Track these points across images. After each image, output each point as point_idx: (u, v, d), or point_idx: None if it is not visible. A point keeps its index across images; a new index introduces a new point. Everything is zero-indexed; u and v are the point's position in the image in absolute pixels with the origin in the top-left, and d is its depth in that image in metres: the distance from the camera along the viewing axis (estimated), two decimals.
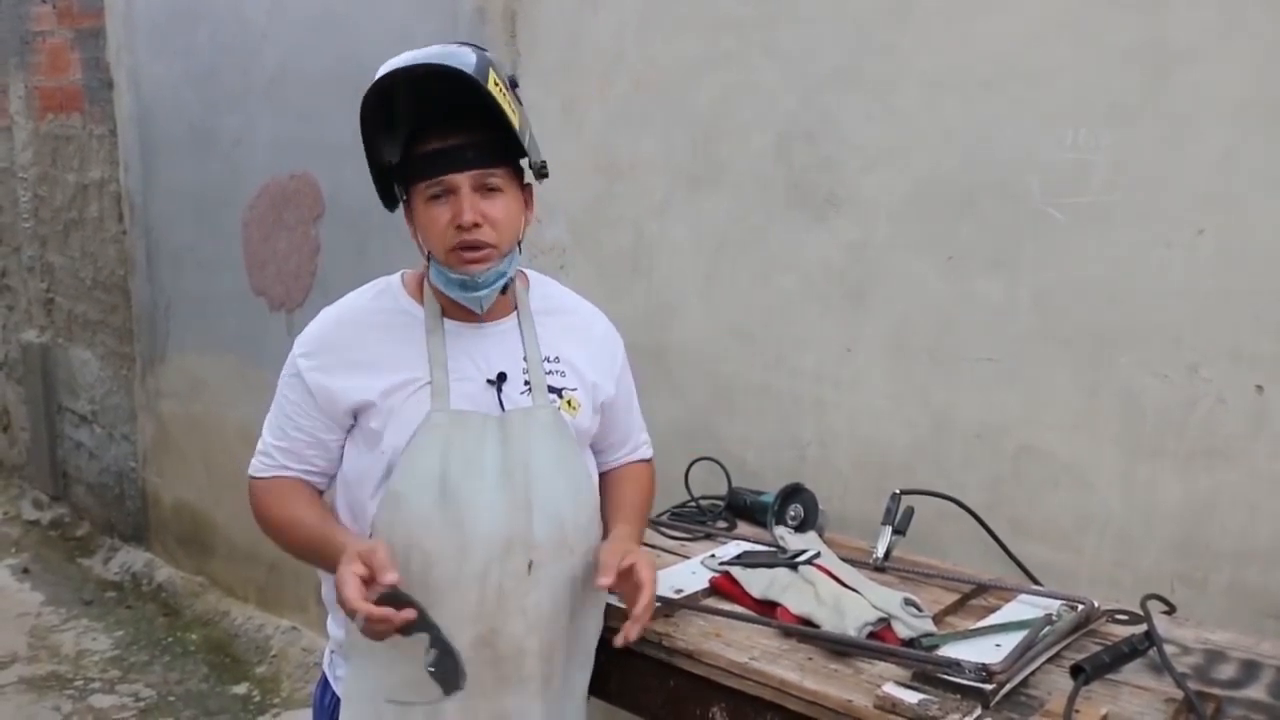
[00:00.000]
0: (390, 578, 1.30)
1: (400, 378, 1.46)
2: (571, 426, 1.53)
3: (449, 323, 1.50)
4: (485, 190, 1.43)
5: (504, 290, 1.50)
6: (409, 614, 1.33)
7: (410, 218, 1.49)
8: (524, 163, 1.49)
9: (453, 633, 1.45)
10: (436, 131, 1.42)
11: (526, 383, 1.51)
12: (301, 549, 1.50)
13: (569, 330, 1.59)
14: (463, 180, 1.41)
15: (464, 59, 1.38)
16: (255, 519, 1.57)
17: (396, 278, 1.56)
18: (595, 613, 1.60)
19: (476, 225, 1.41)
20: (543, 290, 1.60)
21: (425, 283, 1.53)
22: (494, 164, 1.44)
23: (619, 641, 1.44)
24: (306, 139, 3.31)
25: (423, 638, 1.40)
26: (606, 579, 1.42)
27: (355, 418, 1.49)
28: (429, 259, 1.47)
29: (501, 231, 1.44)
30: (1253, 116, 1.65)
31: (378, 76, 1.40)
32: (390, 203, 1.52)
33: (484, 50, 1.42)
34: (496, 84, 1.38)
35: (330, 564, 1.41)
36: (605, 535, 1.56)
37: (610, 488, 1.65)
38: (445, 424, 1.44)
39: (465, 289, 1.45)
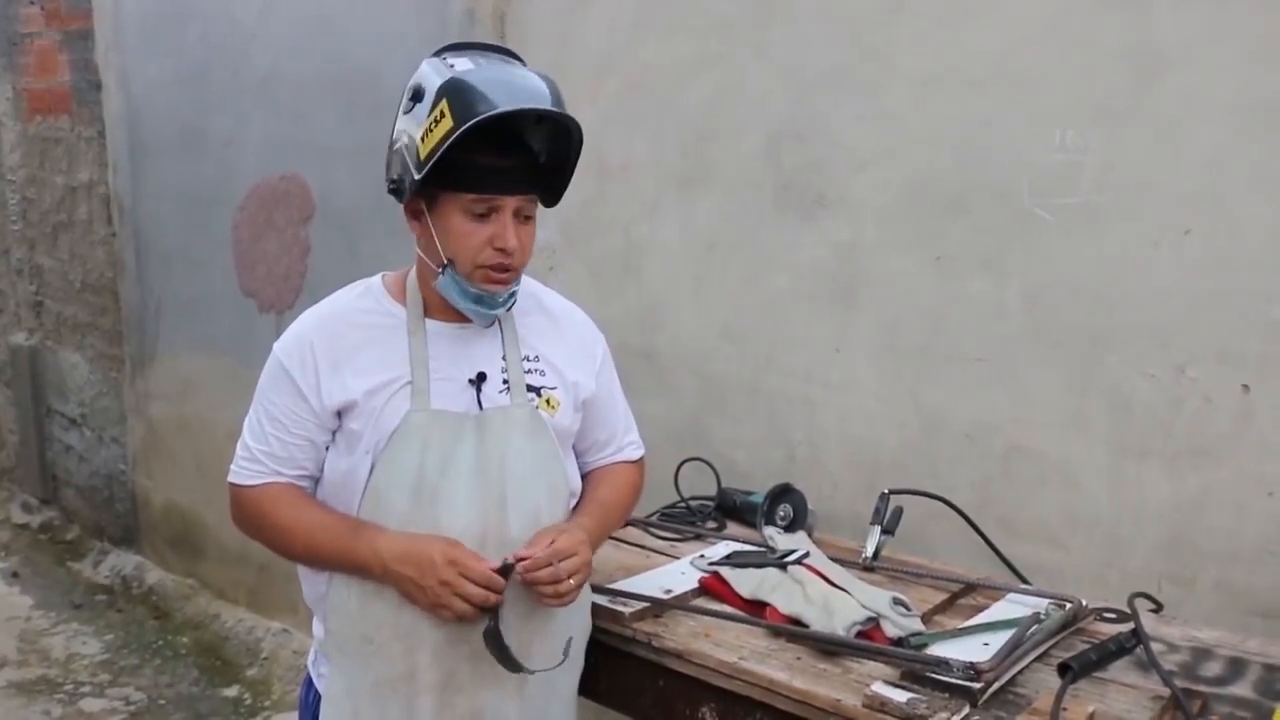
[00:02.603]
0: (495, 574, 1.41)
1: (382, 378, 1.46)
2: (551, 425, 1.53)
3: (431, 323, 1.51)
4: (522, 216, 1.44)
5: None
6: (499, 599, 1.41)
7: (418, 215, 1.47)
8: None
9: (427, 628, 1.46)
10: (493, 148, 1.40)
11: (505, 382, 1.51)
12: (311, 552, 1.49)
13: (548, 329, 1.59)
14: (510, 203, 1.42)
15: (544, 92, 1.38)
16: (239, 524, 1.56)
17: (377, 280, 1.56)
18: (578, 612, 1.60)
19: (515, 250, 1.43)
20: (523, 289, 1.60)
21: (408, 284, 1.53)
22: (534, 191, 1.46)
23: (510, 557, 1.43)
24: (297, 140, 3.31)
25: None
26: (523, 550, 1.42)
27: (339, 418, 1.48)
28: (444, 266, 1.44)
29: (526, 256, 1.47)
30: (1240, 118, 1.65)
31: (504, 109, 1.33)
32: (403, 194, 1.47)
33: (549, 76, 1.42)
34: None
35: (354, 560, 1.43)
36: None
37: (586, 485, 1.66)
38: (423, 423, 1.45)
39: (482, 304, 1.46)
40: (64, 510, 4.93)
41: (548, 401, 1.54)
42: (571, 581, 1.43)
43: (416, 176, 1.38)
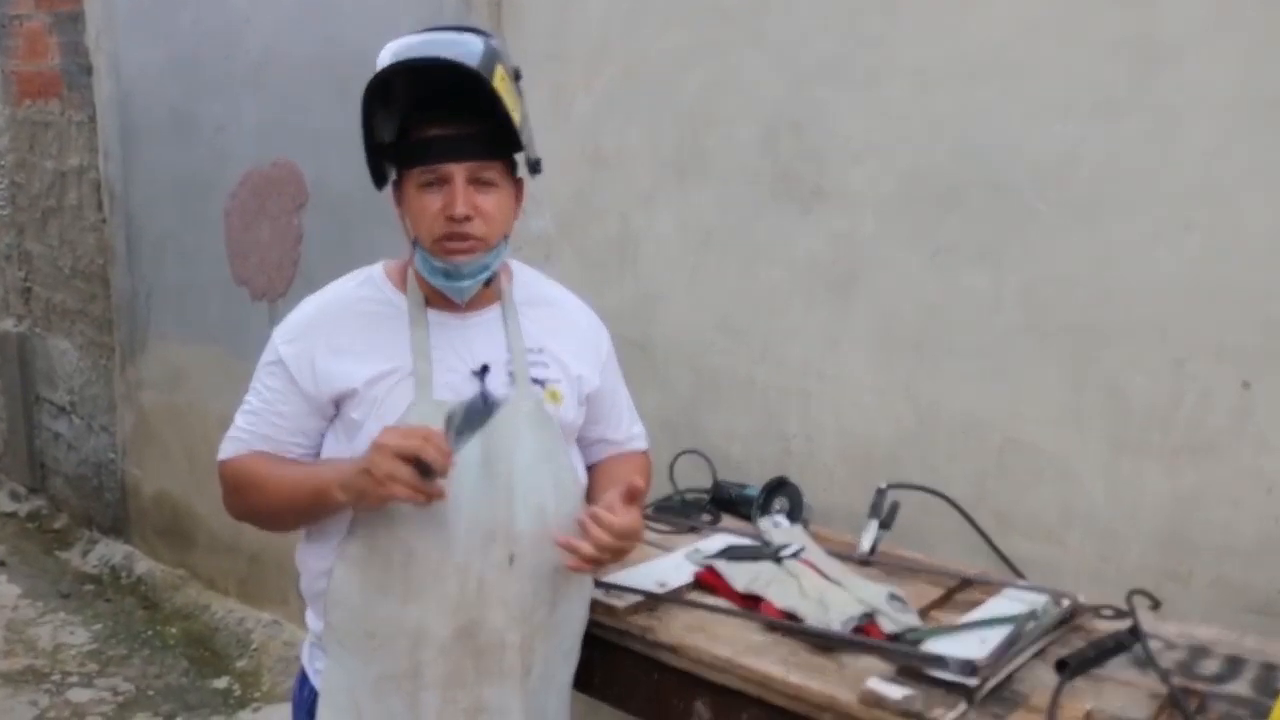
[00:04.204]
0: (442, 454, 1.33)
1: (384, 367, 1.45)
2: (555, 418, 1.52)
3: (432, 313, 1.49)
4: (479, 183, 1.42)
5: (487, 283, 1.49)
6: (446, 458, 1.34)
7: (399, 200, 1.48)
8: (519, 156, 1.48)
9: (433, 624, 1.44)
10: (436, 118, 1.40)
11: (510, 374, 1.49)
12: (283, 496, 1.45)
13: (553, 322, 1.58)
14: (458, 171, 1.40)
15: (471, 48, 1.36)
16: (226, 502, 1.54)
17: (378, 268, 1.55)
18: (579, 605, 1.59)
19: (468, 218, 1.40)
20: (526, 281, 1.59)
21: (409, 272, 1.51)
22: (490, 157, 1.43)
23: (561, 540, 1.41)
24: (289, 126, 3.28)
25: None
26: (603, 512, 1.41)
27: (337, 406, 1.47)
28: (415, 244, 1.45)
29: (491, 225, 1.44)
30: (1240, 111, 1.64)
31: (385, 64, 1.35)
32: (380, 181, 1.49)
33: (491, 37, 1.40)
34: (503, 78, 1.37)
35: (326, 488, 1.39)
36: None
37: (603, 472, 1.65)
38: (428, 415, 1.43)
39: (448, 278, 1.44)
40: (52, 499, 4.90)
41: (552, 394, 1.52)
42: (607, 557, 1.43)
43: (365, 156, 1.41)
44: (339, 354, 1.45)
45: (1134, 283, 1.76)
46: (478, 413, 1.36)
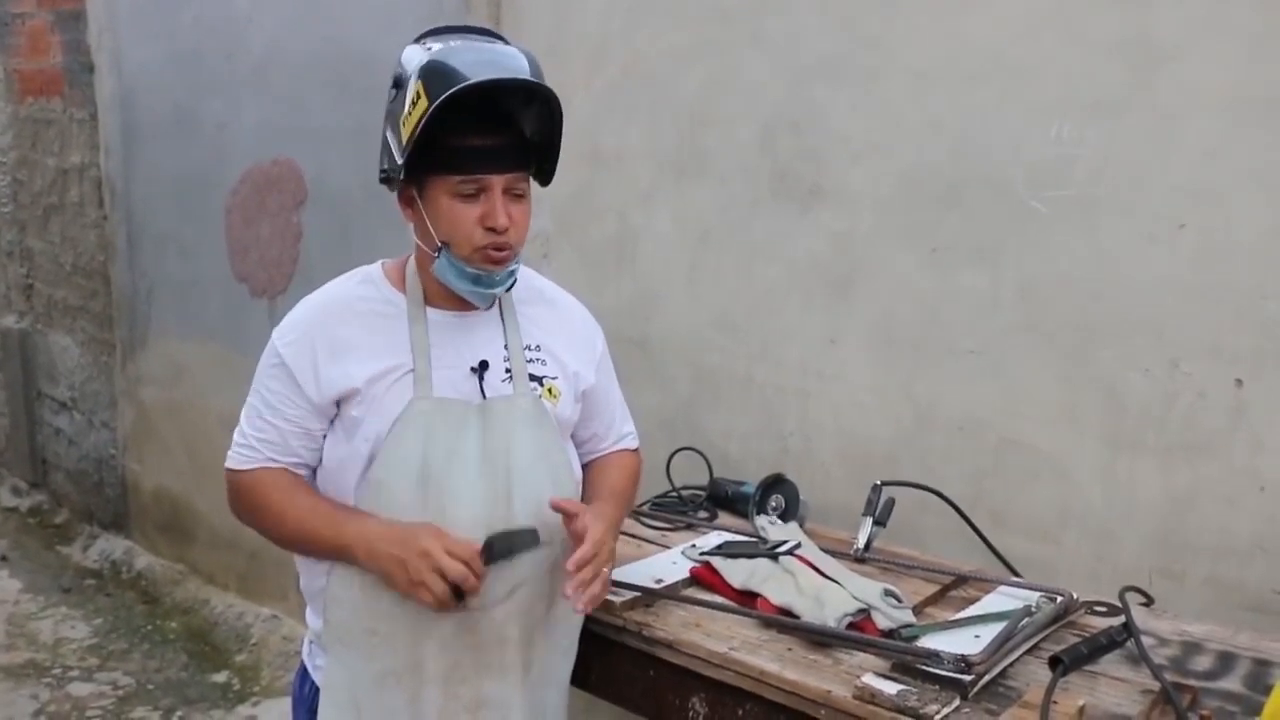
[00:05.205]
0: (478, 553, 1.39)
1: (384, 365, 1.45)
2: (552, 414, 1.53)
3: (431, 311, 1.50)
4: (512, 194, 1.43)
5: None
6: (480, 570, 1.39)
7: (410, 202, 1.46)
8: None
9: (433, 619, 1.44)
10: (476, 128, 1.40)
11: (508, 371, 1.50)
12: (301, 535, 1.46)
13: (550, 319, 1.59)
14: (498, 182, 1.41)
15: (521, 65, 1.37)
16: (235, 511, 1.54)
17: (377, 267, 1.55)
18: None
19: (507, 228, 1.42)
20: (524, 280, 1.59)
21: (408, 271, 1.52)
22: (523, 168, 1.45)
23: (570, 595, 1.40)
24: (290, 124, 3.29)
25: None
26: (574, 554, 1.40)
27: (338, 406, 1.47)
28: (439, 250, 1.43)
29: (521, 234, 1.46)
30: (1236, 112, 1.65)
31: (472, 80, 1.32)
32: (392, 181, 1.47)
33: (530, 52, 1.41)
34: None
35: (349, 550, 1.41)
36: None
37: (592, 474, 1.65)
38: (427, 411, 1.44)
39: (480, 284, 1.45)
40: (53, 494, 4.91)
41: (549, 391, 1.53)
42: (602, 584, 1.43)
43: (400, 161, 1.39)
44: (339, 354, 1.45)
45: (1130, 282, 1.77)
46: (521, 545, 1.42)
